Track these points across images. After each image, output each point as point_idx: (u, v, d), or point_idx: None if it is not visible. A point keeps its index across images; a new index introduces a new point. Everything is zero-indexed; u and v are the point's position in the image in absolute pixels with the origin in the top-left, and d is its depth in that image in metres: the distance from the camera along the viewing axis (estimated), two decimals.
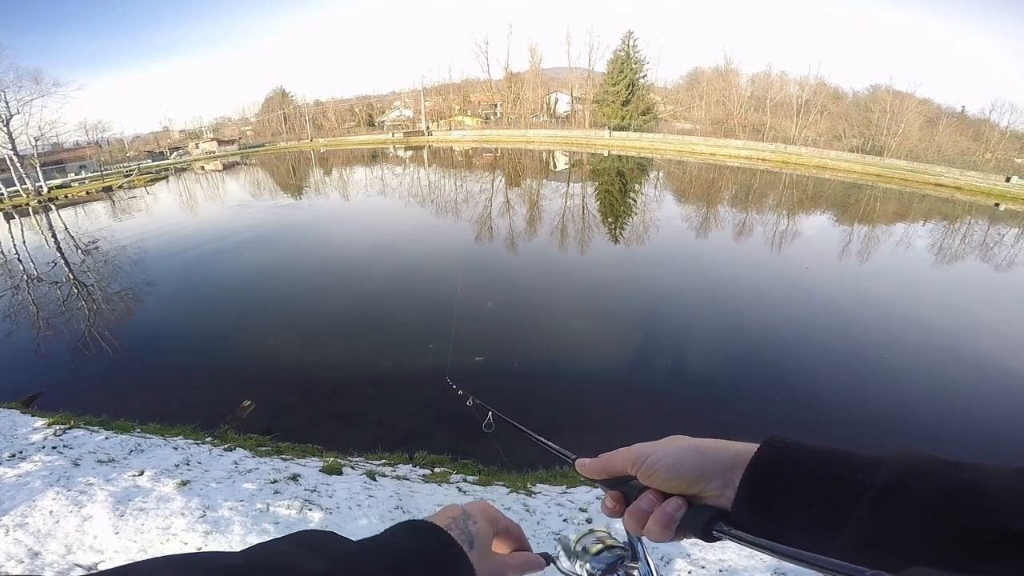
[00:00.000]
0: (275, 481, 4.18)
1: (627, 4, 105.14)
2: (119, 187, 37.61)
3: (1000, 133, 38.80)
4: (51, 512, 3.48)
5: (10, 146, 32.97)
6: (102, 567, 2.97)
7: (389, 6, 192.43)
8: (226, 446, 5.15)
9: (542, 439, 0.79)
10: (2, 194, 32.46)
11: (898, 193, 28.58)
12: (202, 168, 49.97)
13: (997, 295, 12.30)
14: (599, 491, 0.58)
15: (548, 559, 0.65)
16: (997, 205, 25.42)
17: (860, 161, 35.40)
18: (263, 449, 5.25)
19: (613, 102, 49.59)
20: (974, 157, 36.94)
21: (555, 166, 38.80)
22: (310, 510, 3.70)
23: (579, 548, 0.71)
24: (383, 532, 0.47)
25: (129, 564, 0.31)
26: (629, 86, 48.87)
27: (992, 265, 14.92)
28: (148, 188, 37.16)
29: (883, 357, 8.14)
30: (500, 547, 0.59)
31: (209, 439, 5.45)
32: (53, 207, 30.89)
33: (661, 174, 34.42)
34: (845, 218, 20.62)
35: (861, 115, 43.19)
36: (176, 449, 4.85)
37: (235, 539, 3.24)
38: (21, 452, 4.49)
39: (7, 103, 33.24)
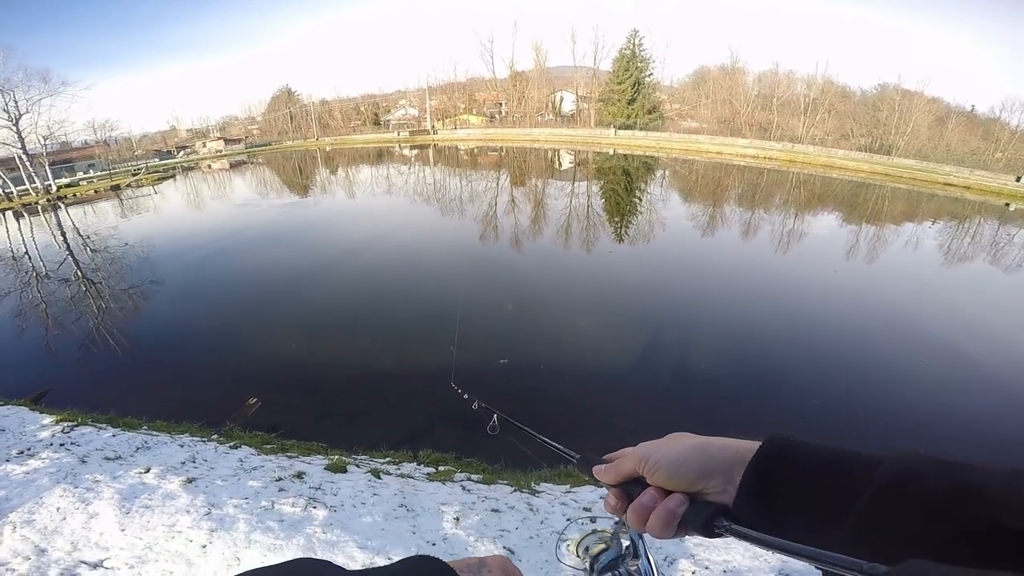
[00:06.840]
0: (280, 479, 4.19)
1: (628, 3, 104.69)
2: (127, 186, 37.90)
3: (1010, 132, 38.28)
4: (58, 509, 3.51)
5: (20, 145, 33.33)
6: (107, 564, 2.99)
7: (394, 5, 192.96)
8: (232, 444, 5.18)
9: (546, 440, 0.80)
10: (12, 192, 32.76)
11: (906, 192, 28.31)
12: (209, 167, 50.25)
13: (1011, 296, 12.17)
14: (603, 490, 0.58)
15: None
16: (1007, 205, 25.12)
17: (868, 160, 35.07)
18: (268, 447, 5.27)
19: (619, 101, 49.39)
20: (984, 156, 36.50)
21: (560, 165, 38.75)
22: (314, 508, 3.70)
23: (581, 544, 0.71)
24: (390, 564, 0.46)
25: None
26: (635, 85, 48.65)
27: (1002, 266, 14.75)
28: (156, 187, 37.41)
29: (919, 359, 8.06)
30: None
31: (215, 437, 5.48)
32: (62, 205, 31.19)
33: (667, 173, 34.26)
34: (854, 217, 20.44)
35: (869, 114, 42.78)
36: (182, 447, 4.88)
37: (240, 536, 3.25)
38: (29, 449, 4.53)
39: (16, 102, 33.62)
